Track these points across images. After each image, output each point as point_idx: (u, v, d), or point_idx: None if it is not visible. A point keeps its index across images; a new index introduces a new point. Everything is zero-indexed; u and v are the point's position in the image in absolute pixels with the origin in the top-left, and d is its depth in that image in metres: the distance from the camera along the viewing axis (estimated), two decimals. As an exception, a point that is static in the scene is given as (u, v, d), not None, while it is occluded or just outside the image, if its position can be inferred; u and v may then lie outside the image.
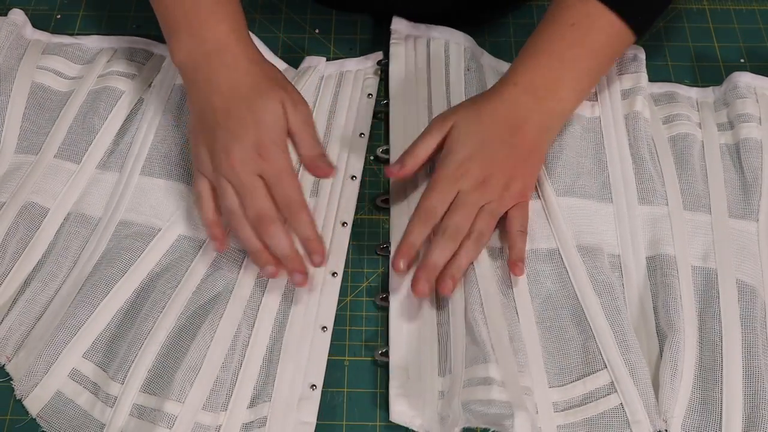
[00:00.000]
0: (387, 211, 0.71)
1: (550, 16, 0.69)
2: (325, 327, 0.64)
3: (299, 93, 0.66)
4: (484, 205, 0.65)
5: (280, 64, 0.79)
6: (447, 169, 0.65)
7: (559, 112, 0.68)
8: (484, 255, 0.66)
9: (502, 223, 0.67)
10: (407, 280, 0.66)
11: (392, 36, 0.80)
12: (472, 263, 0.65)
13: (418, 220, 0.64)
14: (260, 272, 0.64)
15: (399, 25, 0.81)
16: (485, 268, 0.65)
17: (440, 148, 0.67)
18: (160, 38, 0.81)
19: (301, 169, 0.72)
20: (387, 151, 0.74)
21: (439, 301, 0.65)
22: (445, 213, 0.64)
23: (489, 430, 0.57)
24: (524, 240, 0.66)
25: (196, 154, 0.65)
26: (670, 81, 0.80)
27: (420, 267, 0.63)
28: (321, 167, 0.64)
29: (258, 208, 0.62)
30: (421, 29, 0.81)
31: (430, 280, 0.63)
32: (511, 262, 0.65)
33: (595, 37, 0.67)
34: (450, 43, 0.80)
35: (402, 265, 0.63)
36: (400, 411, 0.60)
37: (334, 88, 0.78)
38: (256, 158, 0.62)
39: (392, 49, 0.79)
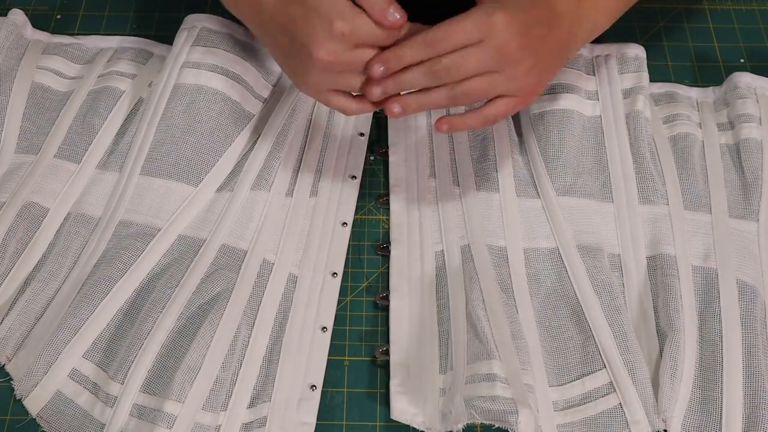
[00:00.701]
0: (387, 211, 0.71)
1: None
2: (324, 327, 0.64)
3: None
4: (494, 73, 0.58)
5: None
6: (478, 12, 0.57)
7: (593, 24, 0.65)
8: (484, 253, 0.66)
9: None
10: (408, 280, 0.66)
11: None
12: (473, 262, 0.65)
13: (422, 39, 0.57)
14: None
15: None
16: (486, 265, 0.65)
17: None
18: (160, 38, 0.81)
19: (301, 169, 0.72)
20: (386, 152, 0.74)
21: (440, 299, 0.65)
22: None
23: (491, 426, 0.57)
24: (480, 122, 0.61)
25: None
26: (670, 81, 0.80)
27: (386, 78, 0.58)
28: (387, 20, 0.57)
29: (347, 83, 0.60)
30: None
31: (386, 92, 0.59)
32: (445, 118, 0.61)
33: None
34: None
35: (377, 69, 0.58)
36: (401, 408, 0.60)
37: (334, 88, 0.78)
38: (316, 35, 0.58)
39: None
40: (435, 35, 0.57)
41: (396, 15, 0.57)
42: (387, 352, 0.63)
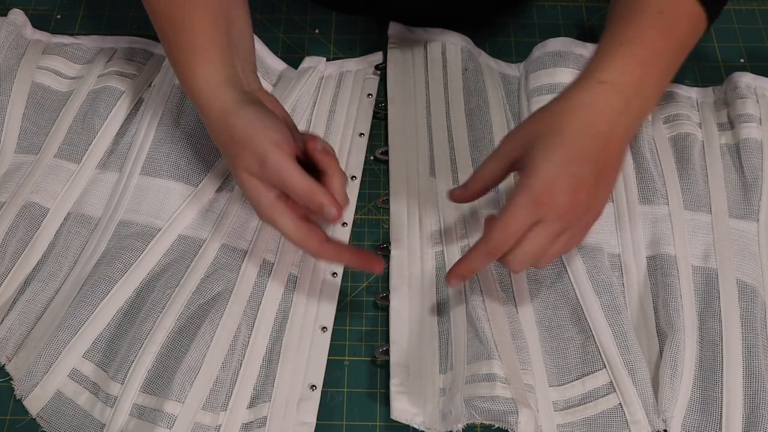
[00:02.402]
0: (387, 211, 0.71)
1: (629, 4, 0.60)
2: (324, 327, 0.64)
3: (270, 143, 0.57)
4: (562, 233, 0.57)
5: (280, 65, 0.79)
6: (525, 196, 0.55)
7: (645, 112, 0.59)
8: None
9: None
10: (408, 280, 0.66)
11: (389, 41, 0.80)
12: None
13: (485, 252, 0.57)
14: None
15: (395, 30, 0.81)
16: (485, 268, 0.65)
17: (511, 169, 0.59)
18: (160, 38, 0.81)
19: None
20: (386, 153, 0.74)
21: (440, 299, 0.65)
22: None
23: (491, 426, 0.57)
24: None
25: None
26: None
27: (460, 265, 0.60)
28: (313, 204, 0.58)
29: (305, 245, 0.61)
30: (418, 33, 0.81)
31: (464, 279, 0.61)
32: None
33: (683, 26, 0.59)
34: (447, 45, 0.80)
35: (455, 282, 0.60)
36: (401, 408, 0.60)
37: (333, 89, 0.78)
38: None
39: (390, 54, 0.79)
40: (496, 243, 0.56)
41: (331, 209, 0.58)
42: (387, 352, 0.63)
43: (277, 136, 0.58)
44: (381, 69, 0.79)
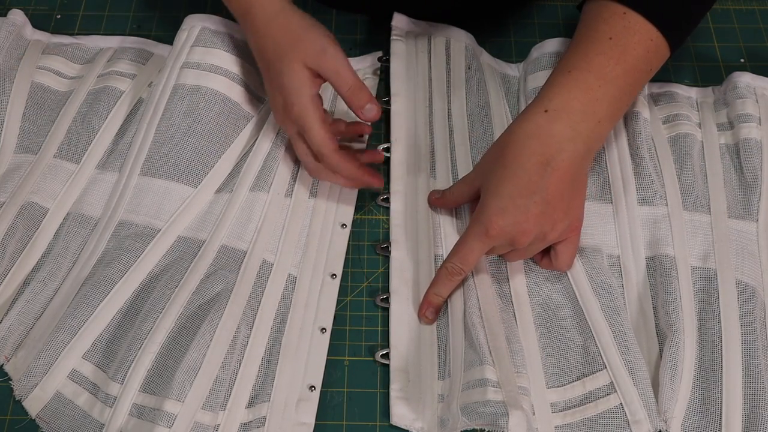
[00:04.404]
0: (387, 211, 0.71)
1: (585, 30, 0.64)
2: (324, 329, 0.64)
3: (326, 37, 0.64)
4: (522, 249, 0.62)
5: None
6: (477, 227, 0.61)
7: (597, 135, 0.62)
8: (482, 259, 0.66)
9: None
10: (408, 284, 0.66)
11: (393, 32, 0.80)
12: (471, 270, 0.65)
13: (445, 275, 0.63)
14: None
15: (400, 22, 0.81)
16: (483, 272, 0.65)
17: (477, 193, 0.64)
18: (160, 38, 0.82)
19: (300, 170, 0.72)
20: (388, 149, 0.73)
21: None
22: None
23: (485, 430, 0.57)
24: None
25: None
26: (670, 81, 0.80)
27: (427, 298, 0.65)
28: (358, 99, 0.65)
29: (303, 161, 0.68)
30: (422, 26, 0.81)
31: (434, 307, 0.65)
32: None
33: (634, 51, 0.62)
34: (451, 41, 0.80)
35: (429, 315, 0.64)
36: (400, 414, 0.61)
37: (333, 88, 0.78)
38: (286, 119, 0.66)
39: (393, 46, 0.79)
40: (454, 267, 0.62)
41: (372, 111, 0.65)
42: (387, 357, 0.63)
43: (331, 35, 0.65)
44: (384, 61, 0.79)
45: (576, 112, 0.60)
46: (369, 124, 0.73)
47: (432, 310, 0.64)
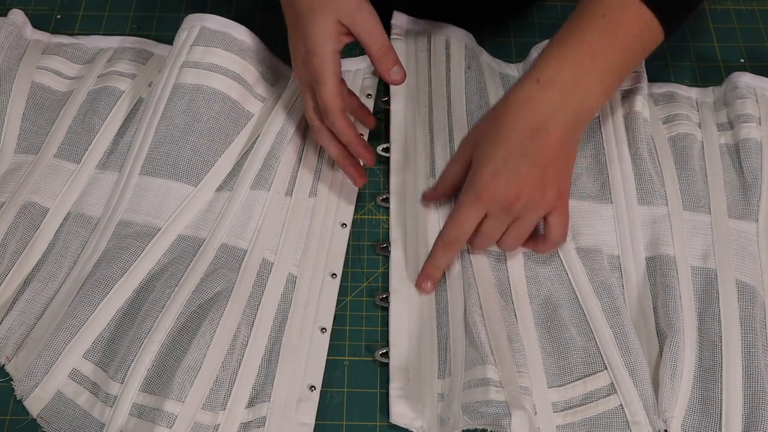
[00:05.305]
0: (387, 210, 0.71)
1: (580, 7, 0.65)
2: (324, 328, 0.64)
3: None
4: (515, 221, 0.63)
5: (280, 64, 0.79)
6: (470, 194, 0.62)
7: (587, 106, 0.63)
8: (483, 257, 0.66)
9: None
10: (407, 283, 0.66)
11: (392, 31, 0.80)
12: (471, 267, 0.65)
13: (441, 246, 0.64)
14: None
15: (400, 21, 0.81)
16: (484, 270, 0.65)
17: (468, 165, 0.65)
18: (160, 38, 0.82)
19: (301, 168, 0.72)
20: (388, 149, 0.74)
21: (439, 304, 0.65)
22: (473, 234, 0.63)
23: (487, 430, 0.57)
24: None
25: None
26: (670, 81, 0.80)
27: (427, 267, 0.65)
28: (387, 61, 0.66)
29: (308, 117, 0.68)
30: (422, 25, 0.81)
31: (432, 279, 0.66)
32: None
33: (626, 29, 0.63)
34: (451, 40, 0.80)
35: (427, 286, 0.65)
36: (400, 413, 0.61)
37: (333, 88, 0.78)
38: (303, 70, 0.66)
39: (393, 45, 0.79)
40: (450, 237, 0.64)
41: (399, 73, 0.66)
42: (386, 355, 0.63)
43: None
44: None
45: (567, 82, 0.62)
46: (374, 116, 0.75)
47: (430, 282, 0.65)
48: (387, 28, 0.80)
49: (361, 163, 0.70)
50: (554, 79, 0.62)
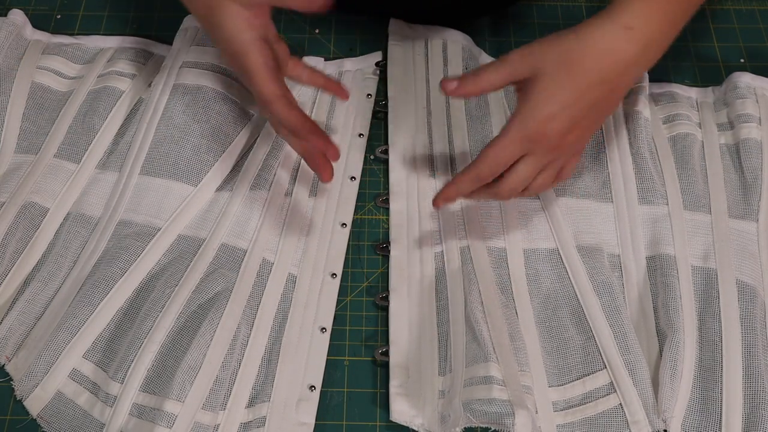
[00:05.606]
0: (387, 211, 0.71)
1: None
2: (324, 328, 0.64)
3: None
4: (550, 162, 0.60)
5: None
6: (520, 130, 0.57)
7: (651, 65, 0.59)
8: (484, 255, 0.66)
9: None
10: (407, 281, 0.66)
11: (390, 38, 0.80)
12: (472, 263, 0.65)
13: (474, 175, 0.59)
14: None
15: (396, 27, 0.81)
16: (485, 267, 0.65)
17: (511, 84, 0.59)
18: (160, 38, 0.82)
19: (301, 168, 0.72)
20: (386, 151, 0.74)
21: (439, 301, 0.65)
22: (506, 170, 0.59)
23: (489, 429, 0.57)
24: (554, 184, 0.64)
25: None
26: (670, 81, 0.80)
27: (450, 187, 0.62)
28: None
29: (261, 113, 0.65)
30: (419, 30, 0.81)
31: (450, 202, 0.63)
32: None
33: None
34: (448, 43, 0.80)
35: (441, 204, 0.62)
36: (400, 410, 0.61)
37: (333, 88, 0.78)
38: (232, 64, 0.61)
39: (390, 51, 0.79)
40: (485, 170, 0.59)
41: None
42: (386, 353, 0.63)
43: None
44: (381, 66, 0.79)
45: (649, 35, 0.56)
46: (345, 90, 0.67)
47: (446, 203, 0.63)
48: (386, 33, 0.80)
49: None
50: (641, 29, 0.55)
